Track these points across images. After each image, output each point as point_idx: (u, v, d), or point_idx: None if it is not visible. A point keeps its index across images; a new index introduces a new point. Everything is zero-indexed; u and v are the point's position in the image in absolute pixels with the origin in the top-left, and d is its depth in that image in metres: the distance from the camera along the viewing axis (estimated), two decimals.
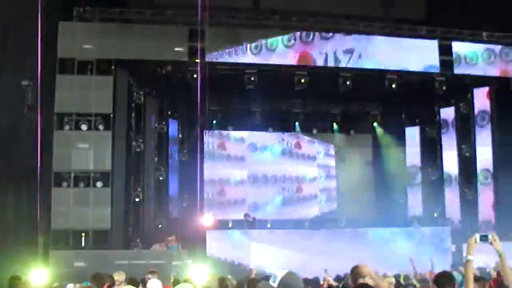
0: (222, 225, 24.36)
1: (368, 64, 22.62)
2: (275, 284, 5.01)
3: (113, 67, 21.34)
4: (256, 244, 21.65)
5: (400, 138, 28.36)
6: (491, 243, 5.30)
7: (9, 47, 20.06)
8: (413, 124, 28.13)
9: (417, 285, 10.28)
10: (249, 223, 23.77)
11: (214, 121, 27.01)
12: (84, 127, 20.88)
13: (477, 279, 8.31)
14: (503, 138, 23.74)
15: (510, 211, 22.77)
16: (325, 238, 22.27)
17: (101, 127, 20.98)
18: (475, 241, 5.24)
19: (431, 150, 26.99)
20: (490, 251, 5.42)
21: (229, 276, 12.08)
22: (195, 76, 21.96)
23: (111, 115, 21.07)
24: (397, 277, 13.61)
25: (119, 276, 11.38)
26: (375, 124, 28.22)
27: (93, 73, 21.18)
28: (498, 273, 10.59)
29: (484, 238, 5.28)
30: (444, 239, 22.84)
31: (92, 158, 20.72)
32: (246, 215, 24.47)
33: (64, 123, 20.84)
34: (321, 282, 13.06)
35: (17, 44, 20.16)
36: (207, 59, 21.62)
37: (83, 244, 20.75)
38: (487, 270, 15.07)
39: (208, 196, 27.05)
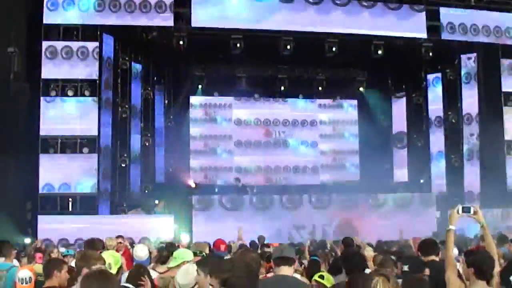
0: (208, 191, 24.36)
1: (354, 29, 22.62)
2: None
3: (98, 33, 21.23)
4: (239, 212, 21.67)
5: (387, 104, 28.39)
6: (473, 214, 5.39)
7: None
8: (399, 90, 28.14)
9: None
10: (237, 188, 23.81)
11: (200, 87, 26.86)
12: (70, 93, 20.84)
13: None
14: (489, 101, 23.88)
15: (493, 177, 23.04)
16: (311, 206, 22.35)
17: (87, 93, 20.94)
18: (458, 212, 5.33)
19: (417, 116, 27.01)
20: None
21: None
22: (181, 42, 21.89)
23: (97, 81, 21.01)
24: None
25: (110, 241, 11.48)
26: (361, 89, 28.18)
27: (79, 39, 21.08)
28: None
29: (466, 210, 5.38)
30: (429, 206, 22.96)
31: (78, 123, 20.70)
32: (236, 179, 24.55)
33: (50, 90, 20.78)
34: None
35: (1, 12, 20.02)
36: (192, 25, 21.51)
37: (70, 209, 20.84)
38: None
39: (194, 162, 27.06)
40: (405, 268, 6.36)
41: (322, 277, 6.07)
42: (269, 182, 27.40)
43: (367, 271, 5.79)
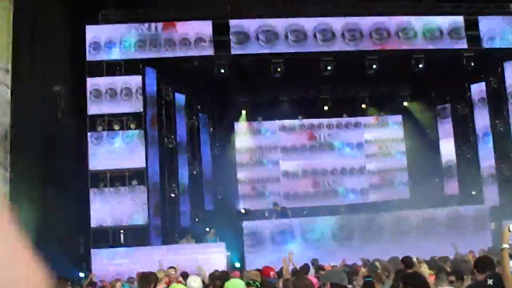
0: (258, 216, 24.34)
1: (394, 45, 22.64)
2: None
3: (140, 66, 21.58)
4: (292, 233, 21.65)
5: (432, 118, 28.16)
6: None
7: (38, 54, 20.39)
8: (443, 102, 27.90)
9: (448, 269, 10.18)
10: (278, 213, 23.67)
11: (243, 113, 27.04)
12: (116, 127, 21.17)
13: None
14: None
15: None
16: (363, 225, 22.20)
17: (132, 126, 21.25)
18: (509, 230, 5.28)
19: (464, 127, 26.73)
20: None
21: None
22: (221, 70, 22.13)
23: (142, 114, 21.32)
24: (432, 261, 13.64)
25: (161, 273, 11.56)
26: (405, 104, 28.03)
27: (122, 73, 21.46)
28: None
29: None
30: (482, 218, 22.60)
31: (126, 157, 20.99)
32: (275, 204, 24.39)
33: (97, 125, 21.14)
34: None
35: (45, 50, 20.50)
36: (232, 52, 21.77)
37: (122, 241, 21.08)
38: None
39: (242, 188, 27.16)
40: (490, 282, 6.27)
41: None
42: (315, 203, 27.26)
43: None
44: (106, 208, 20.77)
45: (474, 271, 7.18)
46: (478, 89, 25.89)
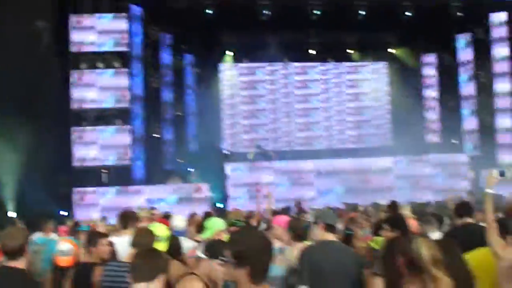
0: (241, 158, 24.42)
1: None
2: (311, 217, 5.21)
3: (127, 4, 21.33)
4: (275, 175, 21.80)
5: (417, 66, 28.16)
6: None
7: None
8: (429, 51, 27.88)
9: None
10: (261, 155, 23.74)
11: (229, 54, 26.91)
12: (100, 65, 20.97)
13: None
14: None
15: None
16: (344, 166, 22.39)
17: (117, 64, 21.07)
18: (494, 177, 5.35)
19: (448, 77, 26.79)
20: None
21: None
22: (209, 11, 21.92)
23: (127, 53, 21.12)
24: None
25: (143, 212, 11.57)
26: (391, 51, 27.99)
27: (108, 11, 21.18)
28: None
29: (501, 173, 5.40)
30: (462, 167, 22.88)
31: (110, 95, 20.87)
32: (258, 146, 24.43)
33: (80, 63, 20.93)
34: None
35: None
36: None
37: (105, 181, 21.10)
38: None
39: (226, 130, 27.20)
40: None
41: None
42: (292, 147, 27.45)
43: None
44: (89, 148, 20.71)
45: (453, 215, 7.29)
46: (464, 40, 25.90)
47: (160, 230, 5.91)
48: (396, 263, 3.78)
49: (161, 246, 5.57)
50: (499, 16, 24.20)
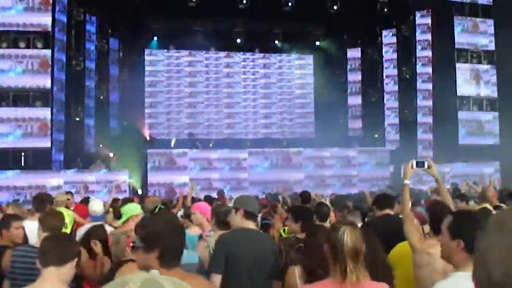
0: (163, 145, 24.26)
1: None
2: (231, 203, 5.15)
3: None
4: (195, 163, 21.75)
5: (342, 59, 28.49)
6: (427, 169, 5.48)
7: None
8: (355, 45, 28.24)
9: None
10: (191, 142, 23.73)
11: (155, 39, 26.65)
12: (22, 45, 20.41)
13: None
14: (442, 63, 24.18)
15: (445, 131, 23.44)
16: (267, 157, 22.51)
17: (39, 45, 20.54)
18: (412, 167, 5.40)
19: (372, 71, 27.20)
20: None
21: None
22: None
23: (50, 33, 20.61)
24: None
25: (61, 197, 11.33)
26: (317, 43, 28.23)
27: None
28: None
29: (420, 164, 5.45)
30: (383, 160, 23.31)
31: (31, 76, 20.33)
32: (190, 133, 24.46)
33: (1, 41, 20.33)
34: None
35: None
36: None
37: (23, 164, 20.60)
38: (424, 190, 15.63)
39: (150, 115, 26.96)
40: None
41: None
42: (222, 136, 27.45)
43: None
44: (7, 128, 20.14)
45: (373, 207, 7.35)
46: (389, 35, 26.35)
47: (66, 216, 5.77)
48: (317, 252, 3.76)
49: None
50: (424, 14, 24.65)
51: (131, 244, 4.38)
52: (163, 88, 27.35)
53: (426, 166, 5.47)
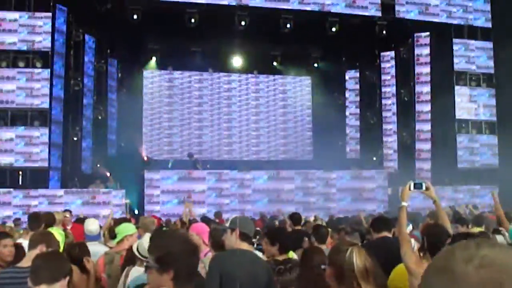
0: (161, 166, 24.21)
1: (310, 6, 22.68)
2: (227, 223, 5.09)
3: (51, 3, 20.81)
4: (193, 185, 21.68)
5: (340, 81, 28.52)
6: (425, 190, 5.43)
7: None
8: (353, 67, 28.30)
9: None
10: (191, 163, 23.67)
11: (154, 60, 26.67)
12: (21, 64, 20.44)
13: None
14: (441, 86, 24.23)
15: (444, 154, 23.43)
16: (265, 179, 22.45)
17: (38, 64, 20.57)
18: (409, 189, 5.34)
19: (370, 93, 27.22)
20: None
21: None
22: (135, 16, 21.68)
23: (49, 53, 20.63)
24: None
25: (58, 215, 11.27)
26: (315, 65, 28.25)
27: (31, 9, 20.66)
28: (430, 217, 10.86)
29: (418, 186, 5.39)
30: (381, 183, 23.23)
31: (29, 96, 20.33)
32: (189, 154, 24.40)
33: (1, 61, 20.36)
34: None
35: None
36: None
37: (20, 183, 20.55)
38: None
39: (147, 136, 26.92)
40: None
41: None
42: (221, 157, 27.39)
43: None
44: (5, 147, 20.12)
45: (371, 229, 7.28)
46: (387, 58, 26.40)
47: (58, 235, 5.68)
48: (313, 274, 3.71)
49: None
50: (422, 36, 24.70)
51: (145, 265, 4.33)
52: (161, 109, 27.31)
53: (424, 188, 5.42)
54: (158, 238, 3.32)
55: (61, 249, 5.53)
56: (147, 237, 5.34)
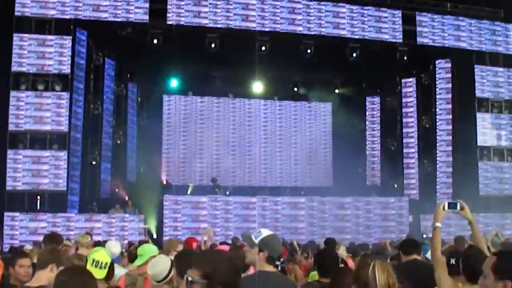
0: (181, 191, 24.11)
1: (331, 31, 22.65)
2: (257, 240, 4.91)
3: (71, 27, 20.87)
4: (214, 210, 21.49)
5: (361, 107, 28.35)
6: (460, 210, 5.24)
7: None
8: (374, 94, 28.15)
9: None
10: (210, 188, 23.57)
11: (174, 85, 26.65)
12: (41, 87, 20.47)
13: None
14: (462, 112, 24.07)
15: (465, 182, 23.15)
16: (286, 206, 22.24)
17: (58, 87, 20.58)
18: (444, 209, 5.16)
19: (391, 120, 27.01)
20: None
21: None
22: (155, 41, 21.73)
23: (69, 76, 20.66)
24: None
25: (83, 239, 11.16)
26: (336, 91, 28.16)
27: (51, 33, 20.72)
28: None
29: (452, 206, 5.21)
30: (402, 210, 22.98)
31: (49, 119, 20.33)
32: (213, 179, 24.35)
33: (21, 83, 20.40)
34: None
35: None
36: (168, 22, 21.35)
37: (38, 207, 20.47)
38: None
39: (166, 161, 26.82)
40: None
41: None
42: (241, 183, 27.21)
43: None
44: (24, 171, 20.07)
45: (400, 252, 7.09)
46: (409, 84, 26.23)
47: (101, 255, 5.48)
48: None
49: (101, 273, 5.19)
50: (444, 63, 24.57)
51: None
52: (181, 134, 27.23)
53: (458, 208, 5.24)
54: (202, 254, 3.34)
55: (106, 271, 5.33)
56: (163, 259, 5.22)
